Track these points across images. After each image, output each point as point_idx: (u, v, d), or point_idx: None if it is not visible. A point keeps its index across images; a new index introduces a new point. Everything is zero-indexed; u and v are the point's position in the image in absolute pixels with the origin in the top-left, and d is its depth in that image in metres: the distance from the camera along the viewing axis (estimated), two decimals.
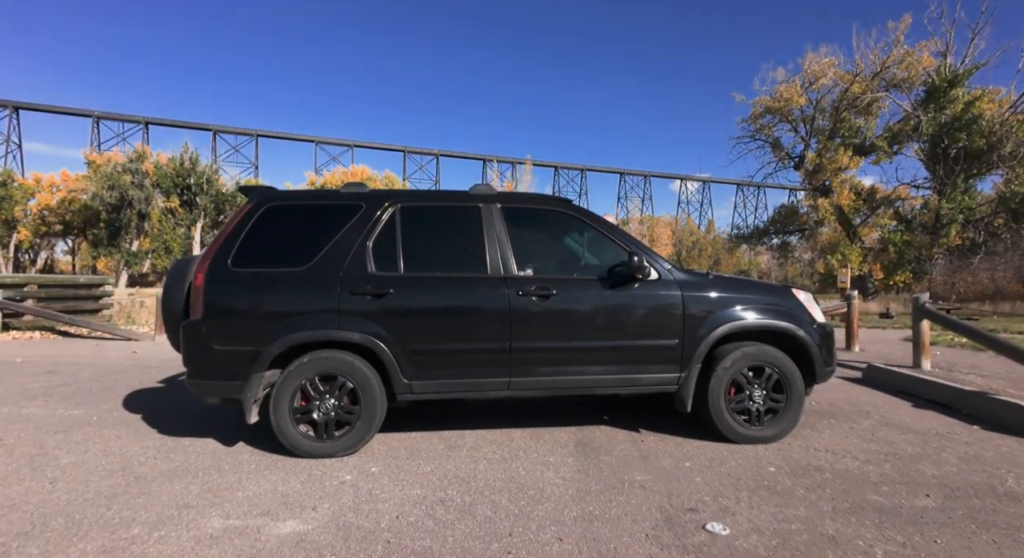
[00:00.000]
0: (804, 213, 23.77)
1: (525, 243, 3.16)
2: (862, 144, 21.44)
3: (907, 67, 20.34)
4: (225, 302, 2.86)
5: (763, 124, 23.20)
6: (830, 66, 21.23)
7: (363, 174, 35.84)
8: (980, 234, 19.43)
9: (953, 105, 19.31)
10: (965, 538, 1.97)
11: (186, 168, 29.82)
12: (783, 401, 3.10)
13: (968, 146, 19.21)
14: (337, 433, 2.86)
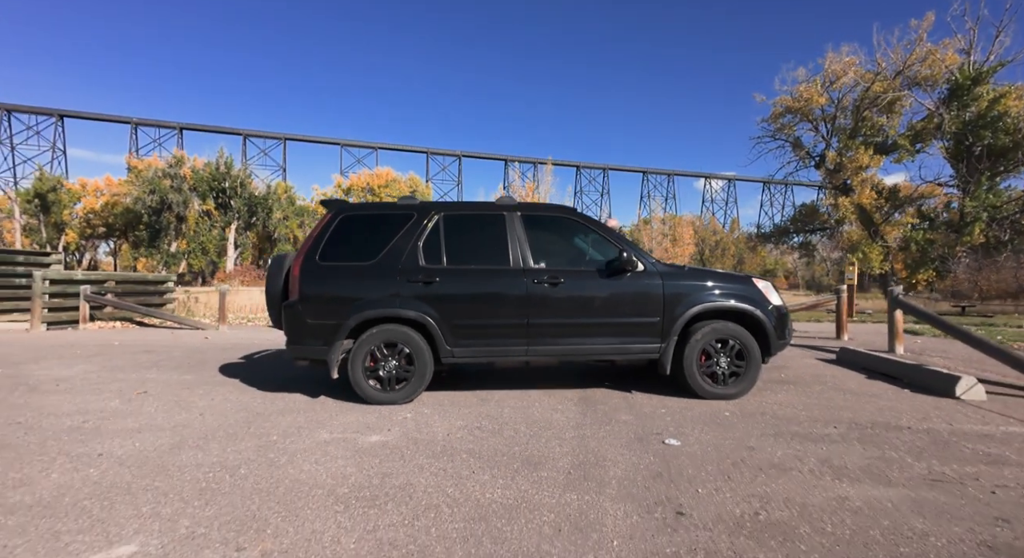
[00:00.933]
0: (825, 212, 24.02)
1: (539, 242, 4.11)
2: (884, 143, 21.64)
3: (930, 65, 20.50)
4: (315, 288, 3.90)
5: (784, 123, 23.57)
6: (851, 65, 21.51)
7: (388, 176, 37.25)
8: (1006, 232, 19.46)
9: (977, 102, 19.43)
10: (844, 447, 2.85)
11: (221, 173, 31.73)
12: (744, 367, 3.98)
13: (993, 144, 19.31)
14: (397, 387, 3.86)
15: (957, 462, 2.65)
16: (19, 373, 5.04)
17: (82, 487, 2.34)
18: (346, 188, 37.97)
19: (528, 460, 2.69)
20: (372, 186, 36.97)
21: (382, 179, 37.31)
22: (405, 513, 2.08)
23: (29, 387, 4.42)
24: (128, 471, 2.54)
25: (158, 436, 3.09)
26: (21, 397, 4.06)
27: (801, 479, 2.41)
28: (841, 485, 2.35)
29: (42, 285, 8.52)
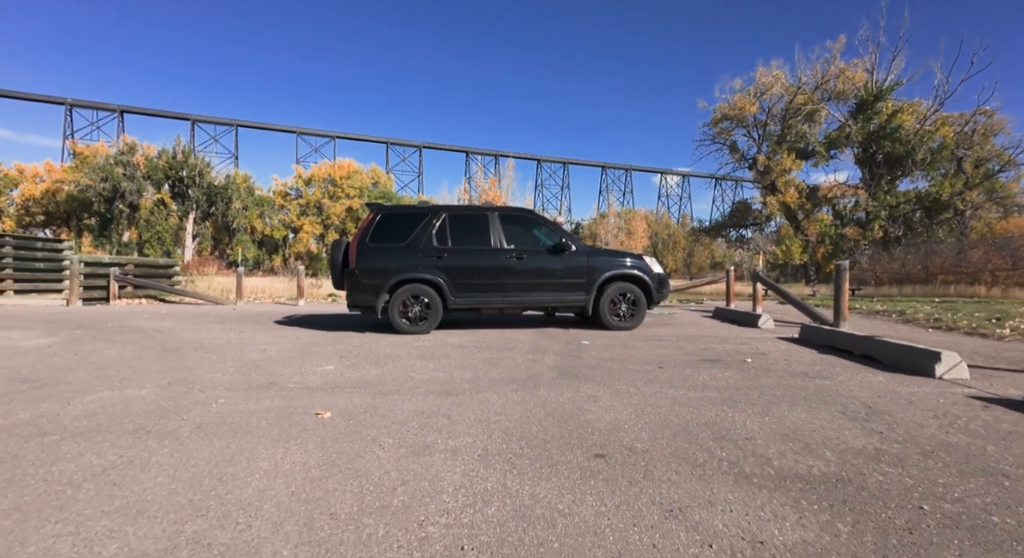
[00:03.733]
0: (757, 209, 27.83)
1: (510, 232, 6.62)
2: (805, 148, 25.50)
3: (842, 82, 24.42)
4: (366, 261, 6.26)
5: (722, 128, 27.09)
6: (778, 79, 25.18)
7: (350, 167, 38.61)
8: (900, 228, 23.66)
9: (879, 116, 23.48)
10: (676, 343, 5.56)
11: (179, 161, 32.29)
12: (636, 311, 6.67)
13: (891, 152, 23.42)
14: (420, 323, 6.29)
15: (737, 364, 5.40)
16: (132, 326, 7.08)
17: (276, 355, 4.69)
18: (307, 178, 39.07)
19: (506, 348, 5.23)
20: (334, 177, 38.25)
21: (344, 170, 38.62)
22: (450, 363, 4.57)
23: (157, 331, 6.53)
24: (292, 351, 4.89)
25: (285, 345, 5.41)
26: (166, 335, 6.21)
27: (642, 351, 5.06)
28: (661, 351, 5.02)
29: (79, 267, 10.24)
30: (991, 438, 2.46)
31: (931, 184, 23.29)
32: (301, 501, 1.81)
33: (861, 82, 24.03)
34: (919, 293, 19.63)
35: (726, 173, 28.06)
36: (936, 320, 7.23)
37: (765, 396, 3.30)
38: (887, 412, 2.91)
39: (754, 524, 1.65)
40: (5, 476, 2.03)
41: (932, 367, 3.72)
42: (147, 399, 3.21)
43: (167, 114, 51.14)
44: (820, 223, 25.59)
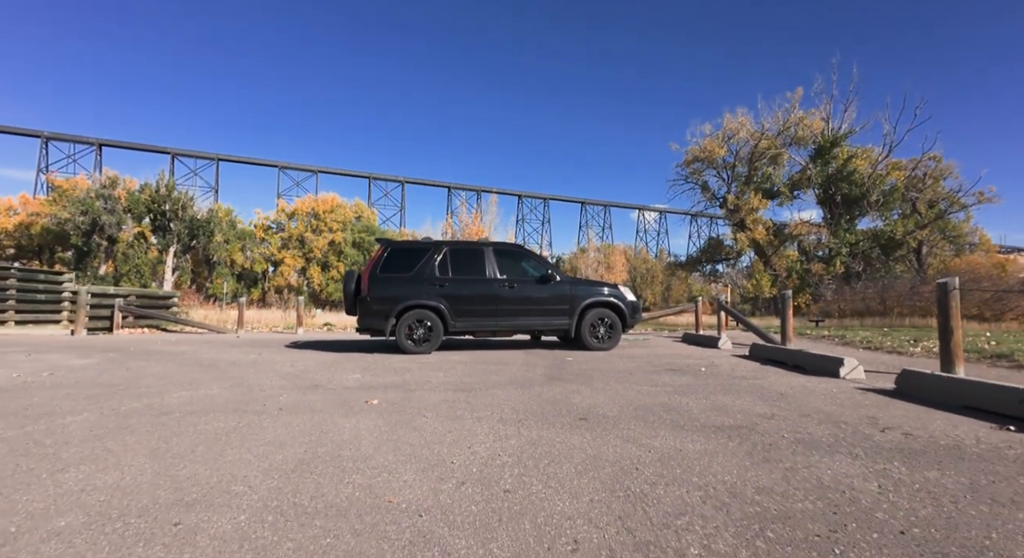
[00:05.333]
0: (728, 245, 29.74)
1: (502, 264, 7.72)
2: (771, 189, 27.69)
3: (802, 128, 26.90)
4: (377, 290, 7.25)
5: (694, 169, 29.24)
6: (743, 125, 27.59)
7: (333, 201, 39.68)
8: (859, 264, 25.66)
9: (836, 160, 25.84)
10: (648, 362, 6.65)
11: (161, 195, 32.92)
12: (613, 333, 7.77)
13: (848, 193, 25.68)
14: (424, 344, 7.26)
15: (693, 372, 6.50)
16: (155, 350, 7.84)
17: (305, 369, 5.60)
18: (290, 212, 39.94)
19: (502, 362, 6.24)
20: (317, 211, 39.21)
21: (327, 205, 39.67)
22: (457, 373, 5.55)
23: (181, 353, 7.33)
24: (317, 366, 5.81)
25: (308, 362, 6.31)
26: (194, 356, 7.02)
27: (617, 364, 6.13)
28: (632, 364, 6.09)
29: (87, 298, 10.91)
30: (850, 407, 3.57)
31: (886, 223, 25.51)
32: (383, 441, 2.79)
33: (819, 129, 26.52)
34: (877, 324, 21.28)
35: (699, 210, 30.15)
36: (868, 342, 8.51)
37: (708, 389, 4.38)
38: (791, 396, 4.02)
39: (679, 444, 2.70)
40: (168, 432, 2.95)
41: (837, 370, 4.88)
42: (223, 396, 4.12)
43: (146, 147, 51.86)
44: (787, 259, 27.52)
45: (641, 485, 2.08)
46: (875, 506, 1.85)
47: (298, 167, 55.44)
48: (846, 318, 23.08)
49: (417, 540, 1.61)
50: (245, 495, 1.98)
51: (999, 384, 3.31)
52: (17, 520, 1.75)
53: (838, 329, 13.72)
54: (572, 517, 1.78)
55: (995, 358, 6.10)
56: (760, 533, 1.64)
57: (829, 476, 2.17)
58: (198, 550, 1.54)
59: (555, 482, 2.13)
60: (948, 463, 2.32)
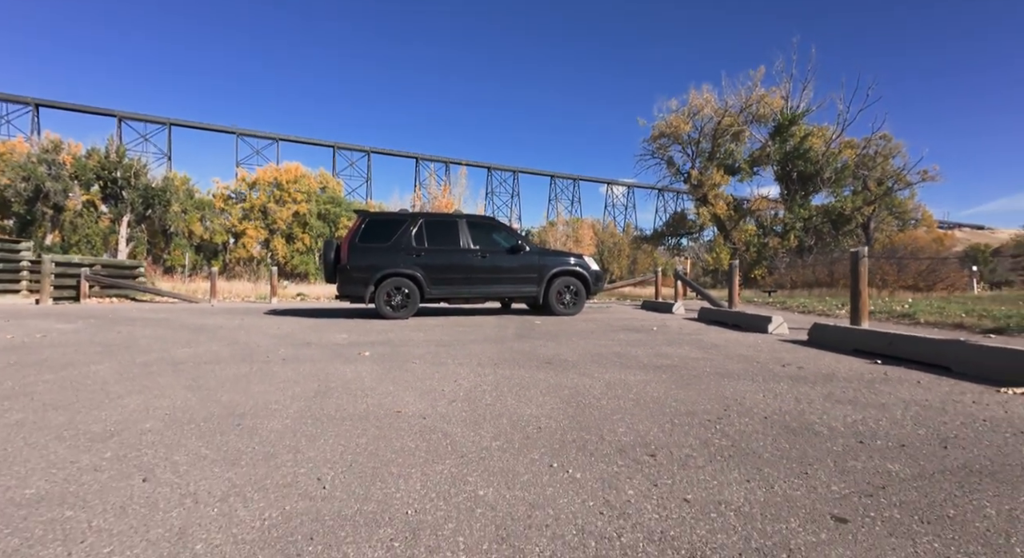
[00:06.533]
0: (692, 220, 30.96)
1: (476, 235, 8.25)
2: (733, 165, 28.81)
3: (763, 106, 27.92)
4: (356, 259, 7.69)
5: (660, 144, 30.02)
6: (708, 101, 28.39)
7: (296, 171, 38.82)
8: (812, 238, 27.28)
9: (793, 138, 27.06)
10: (608, 325, 7.40)
11: (112, 161, 31.50)
12: (578, 300, 8.49)
13: (804, 170, 27.03)
14: (402, 310, 7.79)
15: (646, 331, 7.29)
16: (134, 317, 8.08)
17: (292, 331, 6.08)
18: (251, 182, 38.90)
19: (475, 325, 6.86)
20: (280, 181, 38.33)
21: (290, 174, 38.79)
22: (435, 333, 6.15)
23: (165, 319, 7.63)
24: (303, 329, 6.29)
25: (293, 326, 6.76)
26: (178, 321, 7.35)
27: (580, 326, 6.84)
28: (594, 325, 6.82)
29: (51, 266, 10.86)
30: (766, 352, 4.37)
31: (837, 200, 27.11)
32: (383, 378, 3.37)
33: (778, 108, 27.60)
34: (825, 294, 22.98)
35: (665, 185, 31.12)
36: (804, 307, 9.55)
37: (655, 343, 5.13)
38: (723, 346, 4.81)
39: (622, 376, 3.39)
40: (192, 376, 3.45)
41: (766, 326, 5.72)
42: (226, 351, 4.59)
43: (89, 109, 48.93)
44: (746, 233, 28.93)
45: (589, 399, 2.75)
46: (754, 406, 2.57)
47: (258, 134, 53.52)
48: (797, 289, 24.71)
49: (425, 431, 2.22)
50: (282, 411, 2.54)
51: (876, 330, 4.15)
52: (109, 426, 2.26)
53: (787, 298, 14.93)
54: (537, 417, 2.43)
55: (901, 317, 7.12)
56: (670, 420, 2.33)
57: (730, 392, 2.89)
58: (263, 436, 2.11)
59: (525, 399, 2.77)
60: (819, 383, 3.10)
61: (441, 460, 1.84)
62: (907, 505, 1.44)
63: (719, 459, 1.83)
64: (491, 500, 1.50)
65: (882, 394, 2.80)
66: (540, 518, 1.39)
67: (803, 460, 1.81)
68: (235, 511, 1.41)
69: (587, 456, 1.88)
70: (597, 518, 1.39)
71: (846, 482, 1.61)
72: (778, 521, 1.36)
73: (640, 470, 1.74)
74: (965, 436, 2.07)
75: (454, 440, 2.07)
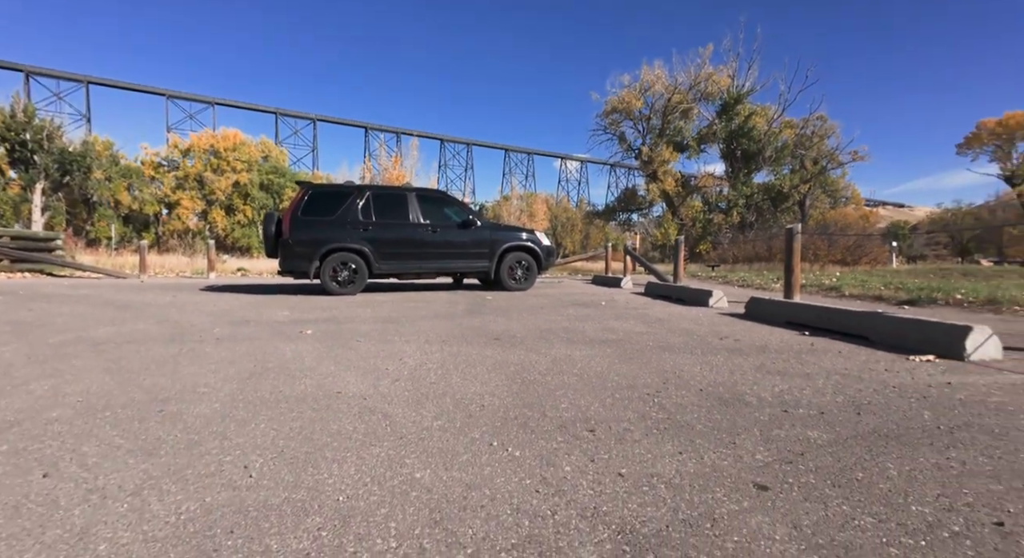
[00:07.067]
0: (642, 196, 31.60)
1: (426, 209, 8.05)
2: (682, 142, 29.44)
3: (711, 85, 28.48)
4: (299, 232, 7.34)
5: (613, 120, 30.18)
6: (659, 78, 28.67)
7: (236, 138, 36.49)
8: (753, 214, 28.52)
9: (738, 117, 27.86)
10: (560, 301, 7.48)
11: (19, 121, 28.41)
12: (529, 275, 8.51)
13: (747, 149, 27.98)
14: (349, 286, 7.55)
15: (595, 306, 7.42)
16: (49, 293, 7.42)
17: (230, 308, 5.78)
18: (184, 149, 36.29)
19: (426, 301, 6.76)
20: (217, 148, 35.93)
21: (229, 141, 36.41)
22: (384, 309, 6.01)
23: (85, 296, 7.05)
24: (241, 306, 5.98)
25: (231, 303, 6.43)
26: (101, 298, 6.80)
27: (531, 301, 6.88)
28: (544, 301, 6.87)
29: None
30: (707, 325, 4.55)
31: (776, 178, 28.34)
32: (324, 358, 3.26)
33: (725, 86, 28.24)
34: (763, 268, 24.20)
35: (617, 161, 31.47)
36: (744, 281, 10.02)
37: (603, 317, 5.23)
38: (666, 320, 4.96)
39: (568, 351, 3.43)
40: (112, 357, 3.21)
41: (707, 300, 5.95)
42: (154, 330, 4.30)
43: None
44: (693, 209, 29.86)
45: (535, 375, 2.77)
46: (691, 378, 2.66)
47: (191, 97, 49.69)
48: (739, 263, 25.89)
49: (364, 412, 2.16)
50: (212, 393, 2.40)
51: (806, 304, 4.40)
52: (8, 415, 2.06)
53: (728, 272, 15.61)
54: (481, 394, 2.41)
55: (829, 290, 7.60)
56: (611, 394, 2.38)
57: (670, 365, 2.99)
58: (188, 423, 1.98)
59: (470, 377, 2.75)
60: (753, 355, 3.25)
61: (379, 442, 1.80)
62: (822, 470, 1.53)
63: (655, 432, 1.88)
64: (427, 482, 1.47)
65: (808, 364, 2.97)
66: (476, 499, 1.37)
67: (732, 430, 1.89)
68: (148, 506, 1.32)
69: (528, 433, 1.89)
70: (533, 496, 1.39)
71: (770, 451, 1.69)
72: (705, 491, 1.41)
73: (579, 446, 1.76)
74: (876, 402, 2.22)
75: (394, 421, 2.03)
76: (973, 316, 4.97)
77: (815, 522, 1.24)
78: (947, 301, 5.90)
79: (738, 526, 1.22)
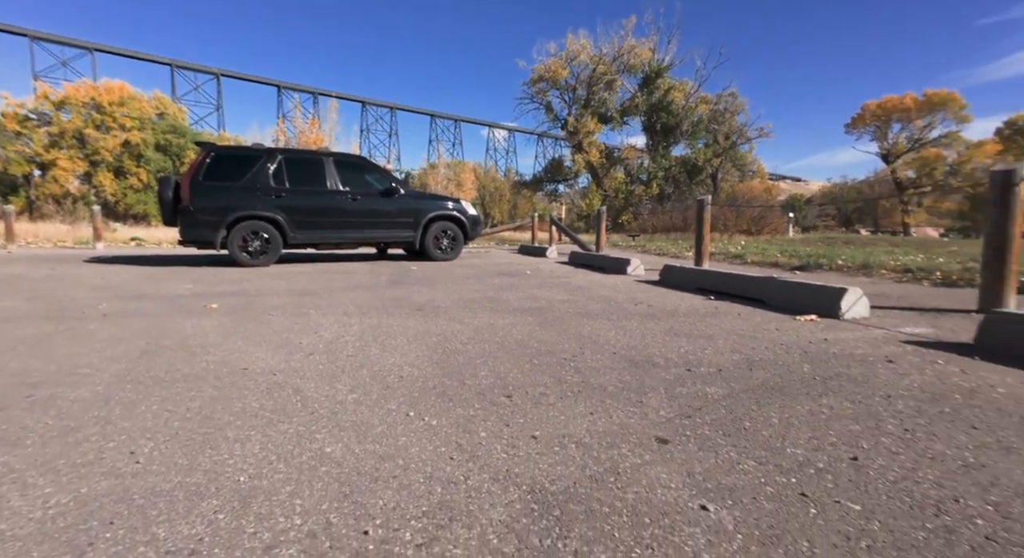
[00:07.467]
0: (568, 167, 32.06)
1: (345, 175, 7.63)
2: (605, 114, 29.98)
3: (634, 57, 29.04)
4: (202, 198, 6.70)
5: (539, 89, 30.04)
6: (584, 48, 28.77)
7: (123, 91, 32.32)
8: (671, 186, 29.94)
9: (658, 91, 28.74)
10: (486, 271, 7.47)
11: None
12: (456, 245, 8.41)
13: (666, 122, 29.07)
14: (262, 256, 7.07)
15: (520, 275, 7.48)
16: None
17: (122, 282, 5.22)
18: (58, 100, 31.64)
19: (347, 272, 6.49)
20: (100, 102, 31.66)
21: (114, 95, 32.16)
22: (301, 281, 5.69)
23: None
24: (135, 279, 5.43)
25: (124, 276, 5.80)
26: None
27: (457, 271, 6.82)
28: (471, 271, 6.83)
29: None
30: (624, 292, 4.77)
31: (692, 151, 29.79)
32: (231, 333, 3.04)
33: (647, 59, 28.94)
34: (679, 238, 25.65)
35: (544, 131, 31.52)
36: (660, 249, 10.58)
37: (527, 286, 5.30)
38: (587, 287, 5.13)
39: (491, 320, 3.45)
40: None
41: (626, 268, 6.21)
42: (25, 307, 3.79)
43: None
44: (616, 180, 30.78)
45: (456, 345, 2.76)
46: (607, 343, 2.78)
47: (62, 40, 43.09)
48: (657, 233, 27.22)
49: (273, 388, 2.04)
50: (95, 375, 2.17)
51: (713, 271, 4.73)
52: None
53: (647, 241, 16.37)
54: (400, 365, 2.37)
55: (734, 258, 8.22)
56: (530, 360, 2.43)
57: (588, 330, 3.10)
58: (63, 408, 1.78)
59: (390, 348, 2.69)
60: (664, 319, 3.45)
61: (288, 419, 1.71)
62: (716, 422, 1.66)
63: (569, 395, 1.95)
64: (338, 457, 1.43)
65: (711, 326, 3.20)
66: (388, 470, 1.35)
67: (641, 390, 2.00)
68: (7, 503, 1.17)
69: (446, 402, 1.88)
70: (447, 464, 1.39)
71: (672, 407, 1.81)
72: (612, 448, 1.48)
73: (495, 411, 1.78)
74: (766, 359, 2.45)
75: (306, 396, 1.94)
76: (849, 279, 5.60)
77: (706, 469, 1.35)
78: (831, 266, 6.59)
79: (639, 478, 1.30)
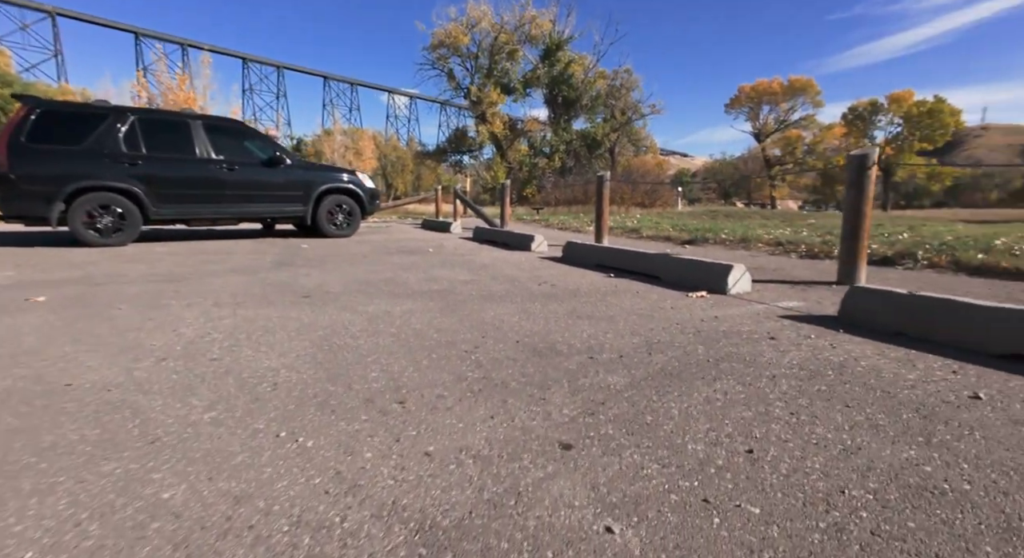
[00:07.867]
0: (472, 137, 31.48)
1: (218, 142, 6.68)
2: (508, 84, 29.63)
3: (535, 27, 28.80)
4: (27, 164, 5.49)
5: (440, 55, 28.85)
6: (485, 14, 27.99)
7: None
8: (572, 160, 30.63)
9: (560, 64, 28.91)
10: (387, 247, 7.02)
11: None
12: (352, 220, 7.82)
13: (567, 96, 29.44)
14: (116, 234, 6.02)
15: (422, 253, 7.14)
16: None
17: None
18: None
19: (225, 252, 5.74)
20: None
21: None
22: (164, 264, 4.91)
23: None
24: None
25: None
26: None
27: (354, 249, 6.33)
28: (368, 248, 6.38)
29: None
30: (528, 271, 4.70)
31: (591, 126, 30.59)
32: (56, 336, 2.47)
33: (548, 30, 28.87)
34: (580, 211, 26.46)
35: (447, 99, 30.49)
36: (563, 224, 10.75)
37: (429, 265, 5.04)
38: (491, 266, 4.99)
39: (388, 307, 3.18)
40: None
41: (530, 245, 6.17)
42: None
43: None
44: (520, 153, 30.82)
45: (346, 339, 2.47)
46: (510, 329, 2.66)
47: None
48: (561, 206, 27.84)
49: (104, 409, 1.65)
50: None
51: (612, 248, 4.81)
52: None
53: (550, 215, 16.63)
54: (276, 369, 2.05)
55: (631, 232, 8.56)
56: (428, 355, 2.23)
57: (490, 316, 2.95)
58: None
59: (265, 347, 2.34)
60: (566, 299, 3.41)
61: (117, 454, 1.37)
62: (619, 419, 1.60)
63: (469, 395, 1.79)
64: (178, 505, 1.14)
65: (612, 306, 3.21)
66: (244, 518, 1.10)
67: (544, 384, 1.90)
68: None
69: (327, 415, 1.63)
70: (320, 500, 1.17)
71: (575, 403, 1.73)
72: (513, 460, 1.35)
73: (385, 424, 1.57)
74: (663, 340, 2.47)
75: (146, 419, 1.58)
76: (732, 253, 6.03)
77: (611, 478, 1.26)
78: (715, 240, 7.08)
79: (541, 496, 1.18)
